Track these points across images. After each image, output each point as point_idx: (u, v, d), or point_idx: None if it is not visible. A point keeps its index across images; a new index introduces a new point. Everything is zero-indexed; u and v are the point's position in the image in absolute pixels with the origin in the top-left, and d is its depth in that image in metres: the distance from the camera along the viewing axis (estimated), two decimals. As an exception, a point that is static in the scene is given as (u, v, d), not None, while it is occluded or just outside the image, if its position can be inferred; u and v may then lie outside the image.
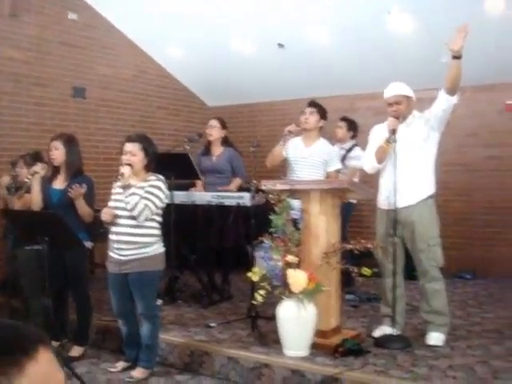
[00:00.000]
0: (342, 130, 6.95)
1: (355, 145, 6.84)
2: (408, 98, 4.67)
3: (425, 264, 4.67)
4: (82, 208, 4.80)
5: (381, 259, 4.80)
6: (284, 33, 7.44)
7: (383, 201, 4.74)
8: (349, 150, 6.75)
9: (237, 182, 6.41)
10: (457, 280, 7.11)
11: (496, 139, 7.50)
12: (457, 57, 4.22)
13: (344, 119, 7.07)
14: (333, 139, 6.52)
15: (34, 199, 4.99)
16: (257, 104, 9.41)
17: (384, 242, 4.68)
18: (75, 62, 7.87)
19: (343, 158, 6.55)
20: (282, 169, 5.93)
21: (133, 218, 4.25)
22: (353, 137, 7.00)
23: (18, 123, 7.23)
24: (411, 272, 5.47)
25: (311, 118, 5.61)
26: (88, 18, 7.99)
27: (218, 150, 6.46)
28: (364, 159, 4.96)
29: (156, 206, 4.29)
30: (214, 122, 6.44)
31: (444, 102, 4.46)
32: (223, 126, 6.45)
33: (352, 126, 7.00)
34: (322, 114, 5.66)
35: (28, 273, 5.40)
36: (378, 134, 4.81)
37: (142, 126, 8.54)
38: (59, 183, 4.97)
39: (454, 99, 4.44)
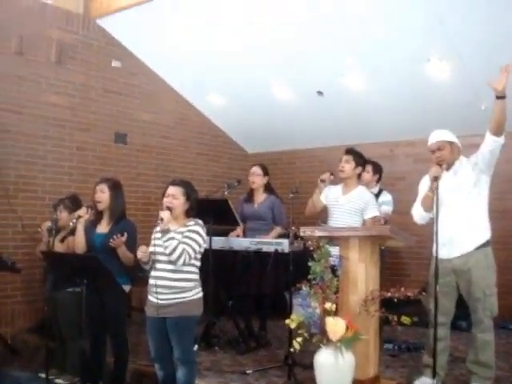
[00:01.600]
0: (368, 174, 6.50)
1: (382, 189, 6.64)
2: (451, 143, 4.63)
3: (480, 314, 4.57)
4: (124, 254, 4.86)
5: (429, 308, 4.70)
6: (323, 80, 7.51)
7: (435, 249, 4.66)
8: (377, 195, 6.39)
9: (277, 230, 6.41)
10: (500, 330, 6.90)
11: (537, 186, 7.37)
12: (501, 96, 4.20)
13: (369, 162, 6.55)
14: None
15: (79, 243, 5.07)
16: (296, 151, 9.47)
17: (432, 290, 4.58)
18: (117, 108, 8.06)
19: None
20: (319, 215, 5.91)
21: (171, 262, 4.26)
22: (378, 180, 6.71)
23: (61, 167, 7.39)
24: (455, 321, 5.34)
25: (346, 166, 5.61)
26: (131, 66, 8.20)
27: (260, 197, 6.51)
28: (413, 209, 4.90)
29: (194, 251, 4.29)
30: (258, 170, 6.50)
31: (491, 143, 4.40)
32: (265, 172, 6.51)
33: (377, 169, 6.68)
34: (359, 161, 5.65)
35: (66, 315, 5.44)
36: (426, 184, 4.76)
37: (181, 171, 8.64)
38: (103, 227, 5.05)
39: (501, 140, 4.38)
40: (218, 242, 6.18)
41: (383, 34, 6.42)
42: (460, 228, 4.49)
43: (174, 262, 4.23)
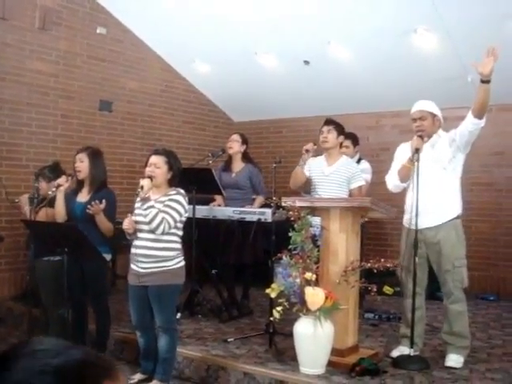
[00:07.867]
0: (348, 150, 6.49)
1: (360, 158, 6.71)
2: (433, 115, 4.62)
3: (450, 285, 4.61)
4: (102, 223, 4.87)
5: (403, 279, 4.76)
6: (310, 50, 7.46)
7: (407, 219, 4.70)
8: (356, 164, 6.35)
9: (259, 200, 6.42)
10: (480, 301, 7.01)
11: (521, 159, 7.40)
12: (486, 81, 4.15)
13: (348, 137, 6.31)
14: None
15: (59, 212, 5.06)
16: (282, 120, 9.43)
17: (407, 261, 4.63)
18: (102, 75, 7.98)
19: None
20: (303, 186, 5.90)
21: (153, 231, 4.27)
22: (356, 151, 6.78)
23: (45, 135, 7.33)
24: (434, 292, 5.38)
25: (329, 136, 5.59)
26: (116, 33, 8.10)
27: (238, 165, 6.51)
28: (388, 177, 4.92)
29: (175, 220, 4.30)
30: (236, 137, 6.53)
31: (471, 125, 4.39)
32: (244, 141, 6.51)
33: (355, 140, 6.71)
34: (340, 130, 5.65)
35: (47, 283, 5.45)
36: (403, 153, 4.77)
37: (167, 140, 8.62)
38: (83, 196, 5.04)
39: (482, 122, 4.36)
40: (202, 211, 6.20)
41: (370, 2, 6.36)
42: (432, 200, 4.50)
43: (153, 230, 4.24)
